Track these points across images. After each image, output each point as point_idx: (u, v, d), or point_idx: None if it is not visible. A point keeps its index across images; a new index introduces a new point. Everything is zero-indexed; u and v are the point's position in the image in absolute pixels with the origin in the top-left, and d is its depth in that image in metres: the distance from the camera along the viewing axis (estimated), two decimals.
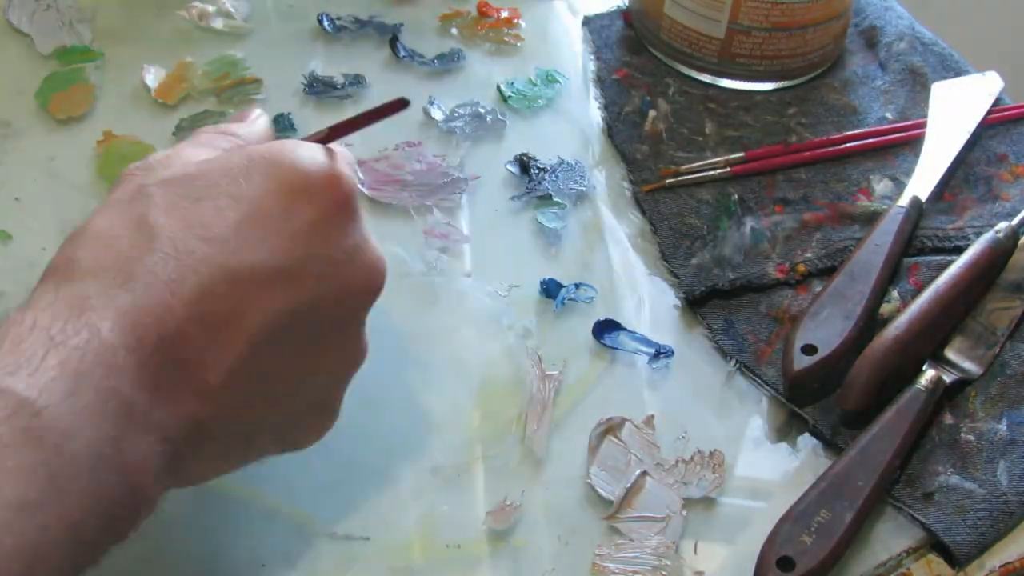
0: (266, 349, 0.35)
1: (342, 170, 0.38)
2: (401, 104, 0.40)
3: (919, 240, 0.54)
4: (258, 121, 0.43)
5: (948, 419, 0.47)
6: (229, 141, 0.40)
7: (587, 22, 0.67)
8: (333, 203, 0.37)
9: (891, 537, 0.44)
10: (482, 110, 0.60)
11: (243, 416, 0.36)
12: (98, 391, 0.31)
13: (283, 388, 0.37)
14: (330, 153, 0.38)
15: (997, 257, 0.52)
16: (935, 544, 0.44)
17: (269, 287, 0.35)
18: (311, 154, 0.37)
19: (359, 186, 0.38)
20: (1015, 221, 0.53)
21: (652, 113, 0.60)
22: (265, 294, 0.35)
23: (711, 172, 0.57)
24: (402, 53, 0.63)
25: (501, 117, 0.60)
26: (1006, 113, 0.61)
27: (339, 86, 0.61)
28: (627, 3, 0.67)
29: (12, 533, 0.28)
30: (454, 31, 0.66)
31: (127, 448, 0.31)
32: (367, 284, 0.39)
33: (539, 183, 0.57)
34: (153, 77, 0.61)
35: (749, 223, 0.55)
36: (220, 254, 0.34)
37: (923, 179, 0.56)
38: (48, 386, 0.30)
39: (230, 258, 0.34)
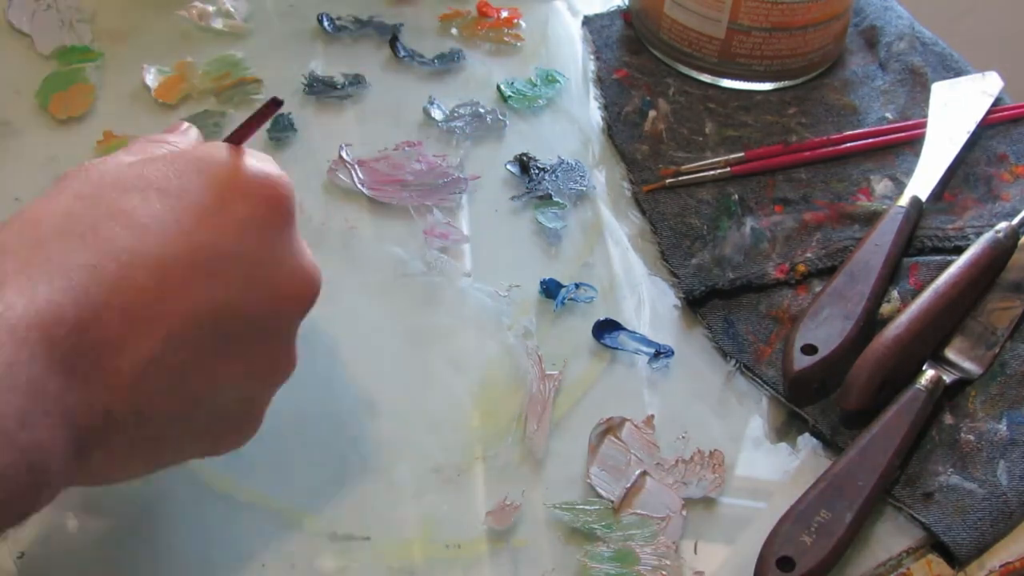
0: (184, 346, 0.34)
1: (279, 174, 0.37)
2: (275, 104, 0.39)
3: (919, 240, 0.54)
4: (189, 132, 0.42)
5: (948, 419, 0.47)
6: (164, 148, 0.39)
7: (587, 22, 0.67)
8: (266, 204, 0.36)
9: (891, 537, 0.44)
10: (482, 110, 0.60)
11: (155, 413, 0.35)
12: (8, 365, 0.30)
13: (199, 389, 0.36)
14: (264, 158, 0.38)
15: (997, 257, 0.52)
16: (935, 544, 0.44)
17: (191, 281, 0.34)
18: (247, 155, 0.37)
19: (293, 196, 0.38)
20: (1015, 221, 0.53)
21: (652, 113, 0.60)
22: (187, 287, 0.34)
23: (711, 172, 0.57)
24: (402, 53, 0.63)
25: (501, 117, 0.60)
26: (1006, 113, 0.61)
27: (339, 86, 0.61)
28: (627, 3, 0.67)
29: None
30: (454, 31, 0.66)
31: (33, 425, 0.30)
32: (298, 293, 0.38)
33: (539, 183, 0.57)
34: (153, 77, 0.61)
35: (749, 223, 0.55)
36: (142, 243, 0.33)
37: (923, 179, 0.56)
38: None
39: (152, 247, 0.33)
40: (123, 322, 0.33)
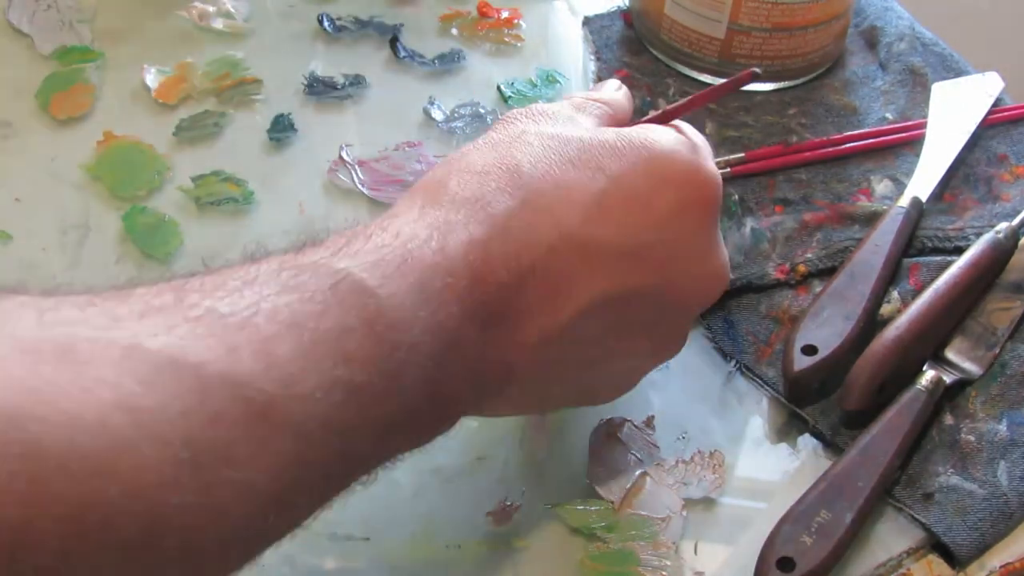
0: (590, 321, 0.36)
1: (710, 165, 0.39)
2: (750, 77, 0.41)
3: (919, 240, 0.54)
4: (620, 91, 0.45)
5: (948, 419, 0.47)
6: (600, 108, 0.42)
7: (587, 22, 0.67)
8: (696, 194, 0.38)
9: (891, 537, 0.44)
10: (482, 110, 0.60)
11: (548, 374, 0.37)
12: (436, 313, 0.32)
13: (597, 358, 0.39)
14: (695, 147, 0.39)
15: (997, 257, 0.52)
16: (935, 544, 0.44)
17: (612, 265, 0.36)
18: (680, 142, 0.38)
19: (719, 184, 0.39)
20: (1015, 221, 0.53)
21: (652, 113, 0.60)
22: (606, 271, 0.36)
23: None
24: (402, 53, 0.63)
25: (501, 117, 0.60)
26: (1006, 113, 0.61)
27: (339, 86, 0.61)
28: (627, 3, 0.67)
29: (340, 410, 0.29)
30: (454, 31, 0.66)
31: (446, 371, 0.33)
32: (707, 288, 0.40)
33: None
34: (153, 77, 0.61)
35: (749, 223, 0.55)
36: (576, 222, 0.35)
37: (923, 179, 0.56)
38: (398, 294, 0.31)
39: (584, 227, 0.35)
40: (539, 293, 0.35)
